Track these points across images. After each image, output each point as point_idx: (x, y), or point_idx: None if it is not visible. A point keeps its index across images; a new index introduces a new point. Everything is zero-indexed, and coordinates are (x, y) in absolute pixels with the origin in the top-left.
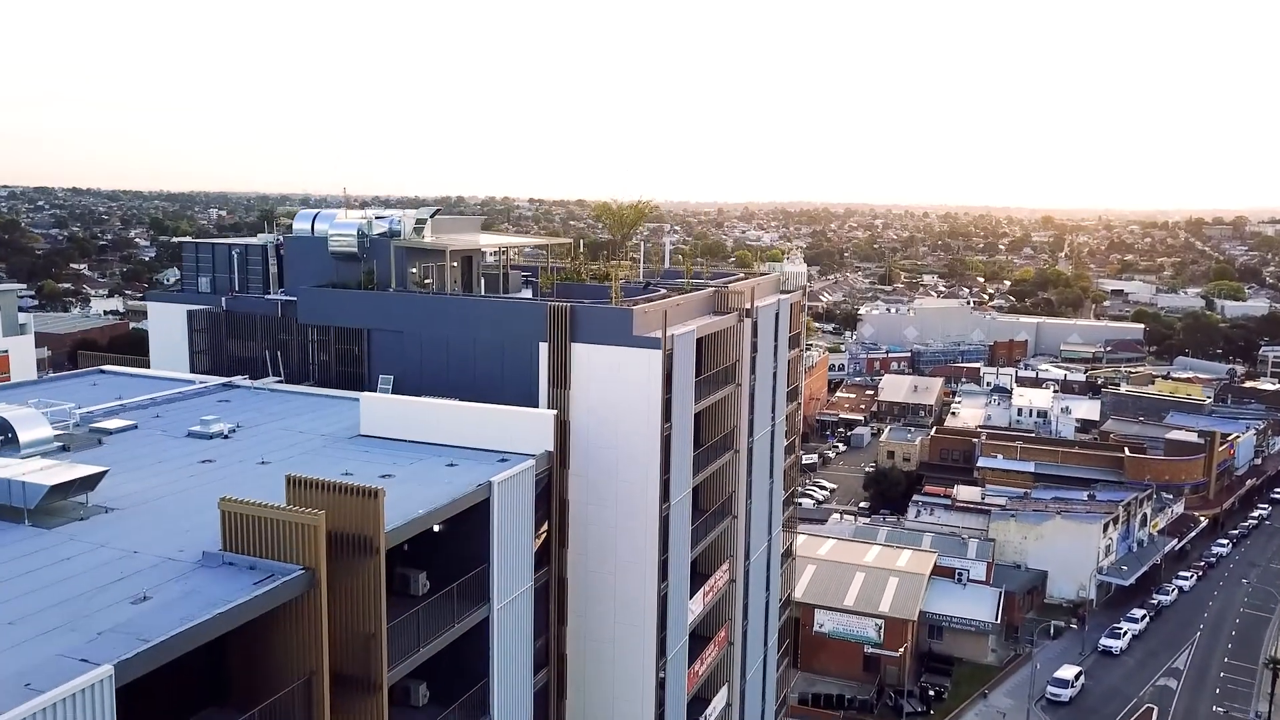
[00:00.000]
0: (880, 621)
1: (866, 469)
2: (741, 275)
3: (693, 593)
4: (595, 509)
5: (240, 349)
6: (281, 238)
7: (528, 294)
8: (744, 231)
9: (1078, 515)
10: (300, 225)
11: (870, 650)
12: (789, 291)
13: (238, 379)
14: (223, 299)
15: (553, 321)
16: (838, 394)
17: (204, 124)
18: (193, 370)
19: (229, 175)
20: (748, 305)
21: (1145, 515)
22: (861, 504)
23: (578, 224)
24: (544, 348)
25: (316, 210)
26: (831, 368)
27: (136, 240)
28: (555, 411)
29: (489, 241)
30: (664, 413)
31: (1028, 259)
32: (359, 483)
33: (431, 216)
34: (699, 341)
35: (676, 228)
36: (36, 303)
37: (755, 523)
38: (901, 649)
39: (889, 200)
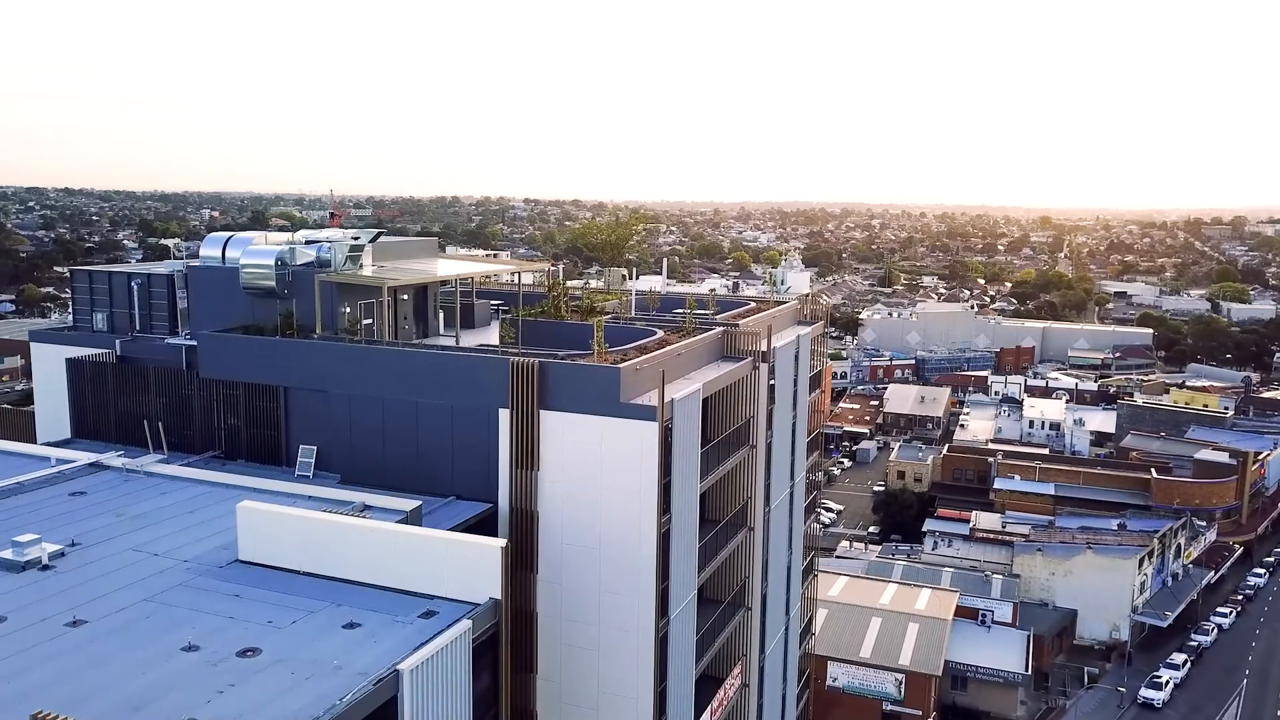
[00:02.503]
0: (901, 676)
1: (875, 487)
2: (753, 305)
3: (698, 711)
4: (572, 627)
5: (132, 406)
6: (185, 266)
7: (494, 334)
8: (740, 232)
9: (1110, 549)
10: (209, 251)
11: (890, 708)
12: (808, 322)
13: (109, 456)
14: (118, 341)
15: (516, 382)
16: (841, 404)
17: (200, 123)
18: (76, 434)
19: (223, 175)
20: (763, 347)
21: (1179, 546)
22: (871, 528)
23: (572, 224)
24: (505, 416)
25: (229, 233)
26: (833, 375)
27: (124, 242)
28: (505, 543)
29: (445, 271)
30: (662, 502)
31: (1027, 260)
32: None
33: (372, 241)
34: (706, 400)
35: (673, 228)
36: (14, 308)
37: (772, 607)
38: (927, 711)
39: (885, 200)
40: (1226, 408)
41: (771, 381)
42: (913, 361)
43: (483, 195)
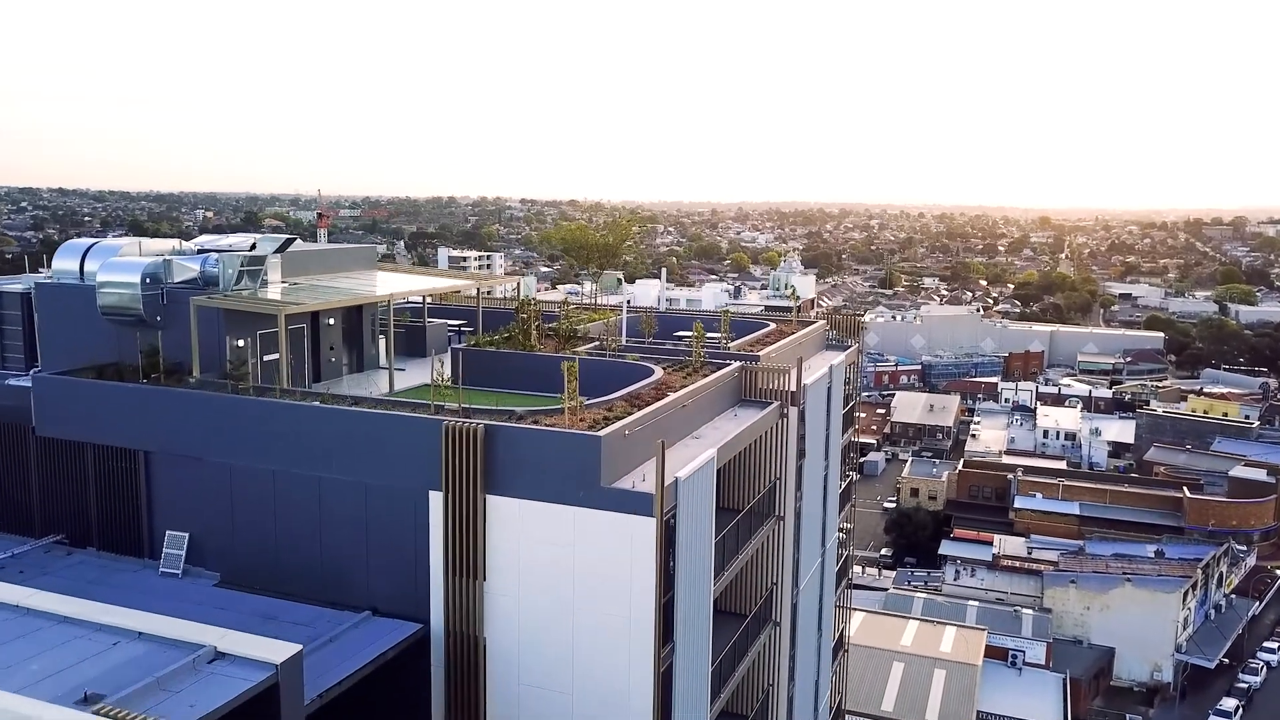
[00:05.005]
0: None
1: (885, 504)
2: (773, 329)
3: None
4: None
5: None
6: (34, 283)
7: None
8: (739, 233)
9: (1151, 580)
10: (63, 264)
11: None
12: (839, 344)
13: None
14: None
15: (452, 454)
16: None
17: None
18: None
19: (219, 175)
20: (792, 385)
21: (1221, 574)
22: (883, 550)
23: (569, 225)
24: (437, 501)
25: (93, 240)
26: None
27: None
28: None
29: (378, 288)
30: (663, 627)
31: (1028, 261)
32: None
33: (280, 251)
34: (722, 467)
35: (670, 229)
36: None
37: (799, 714)
38: None
39: (883, 200)
40: (1248, 416)
41: (801, 431)
42: (919, 367)
43: (479, 195)
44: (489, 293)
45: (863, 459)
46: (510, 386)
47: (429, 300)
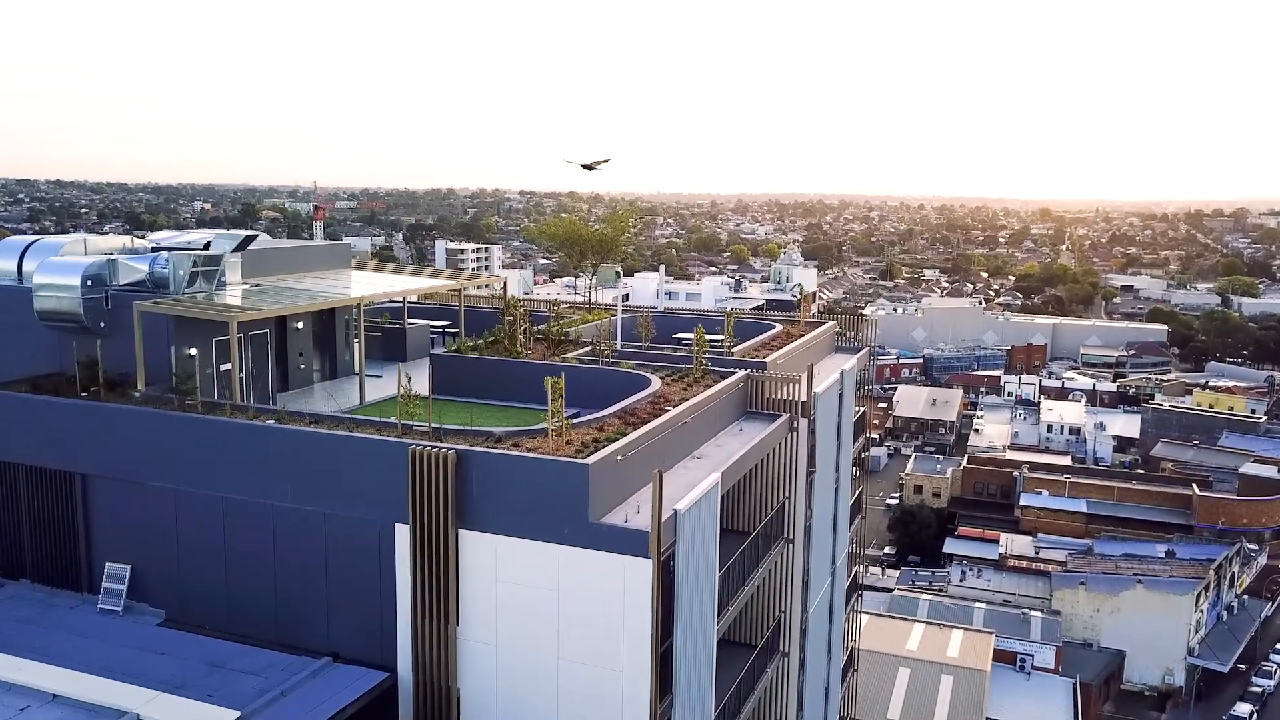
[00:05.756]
0: None
1: (888, 500)
2: (780, 330)
3: None
4: None
5: None
6: None
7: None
8: (738, 224)
9: (1162, 582)
10: (1, 264)
11: None
12: (850, 348)
13: None
14: None
15: (420, 484)
16: None
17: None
18: None
19: (218, 167)
20: (802, 395)
21: (1233, 575)
22: (887, 549)
23: (564, 219)
24: (404, 536)
25: (34, 237)
26: None
27: (109, 235)
28: None
29: (350, 292)
30: (659, 680)
31: (1029, 252)
32: None
33: (239, 248)
34: (726, 492)
35: (670, 220)
36: None
37: None
38: None
39: (883, 191)
40: (1254, 410)
41: (812, 444)
42: (921, 360)
43: (478, 187)
44: (489, 289)
45: (864, 454)
46: (494, 397)
47: (415, 300)
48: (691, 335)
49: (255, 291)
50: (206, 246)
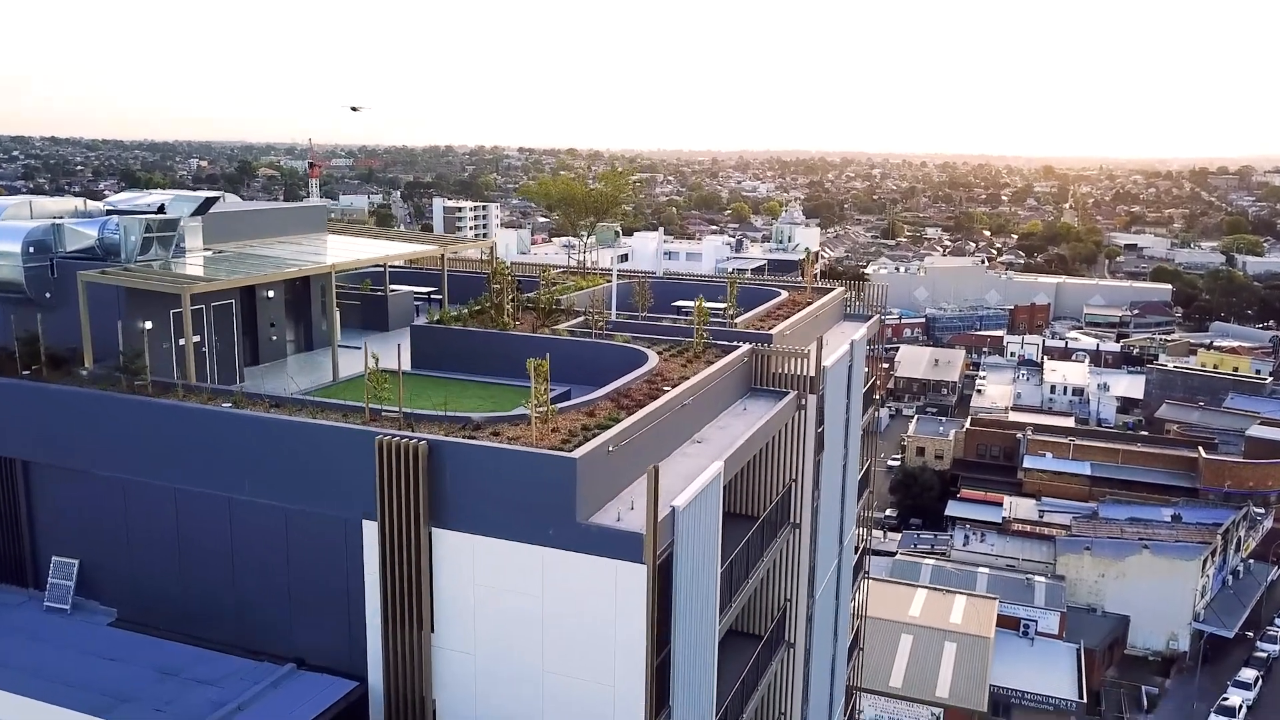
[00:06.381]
0: (938, 712)
1: (890, 462)
2: (786, 298)
3: None
4: None
5: None
6: None
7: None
8: (739, 182)
9: (1169, 548)
10: None
11: None
12: (858, 315)
13: None
14: None
15: (388, 478)
16: None
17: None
18: None
19: (215, 124)
20: (811, 370)
21: (1239, 539)
22: (888, 511)
23: (568, 175)
24: (372, 534)
25: None
26: None
27: (105, 193)
28: None
29: (323, 258)
30: (655, 694)
31: (1032, 210)
32: None
33: (199, 212)
34: (729, 481)
35: (670, 178)
36: None
37: None
38: None
39: (885, 149)
40: (1259, 371)
41: (821, 421)
42: (923, 320)
43: (476, 144)
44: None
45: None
46: (479, 372)
47: (403, 265)
48: (691, 303)
49: (217, 259)
50: (161, 210)
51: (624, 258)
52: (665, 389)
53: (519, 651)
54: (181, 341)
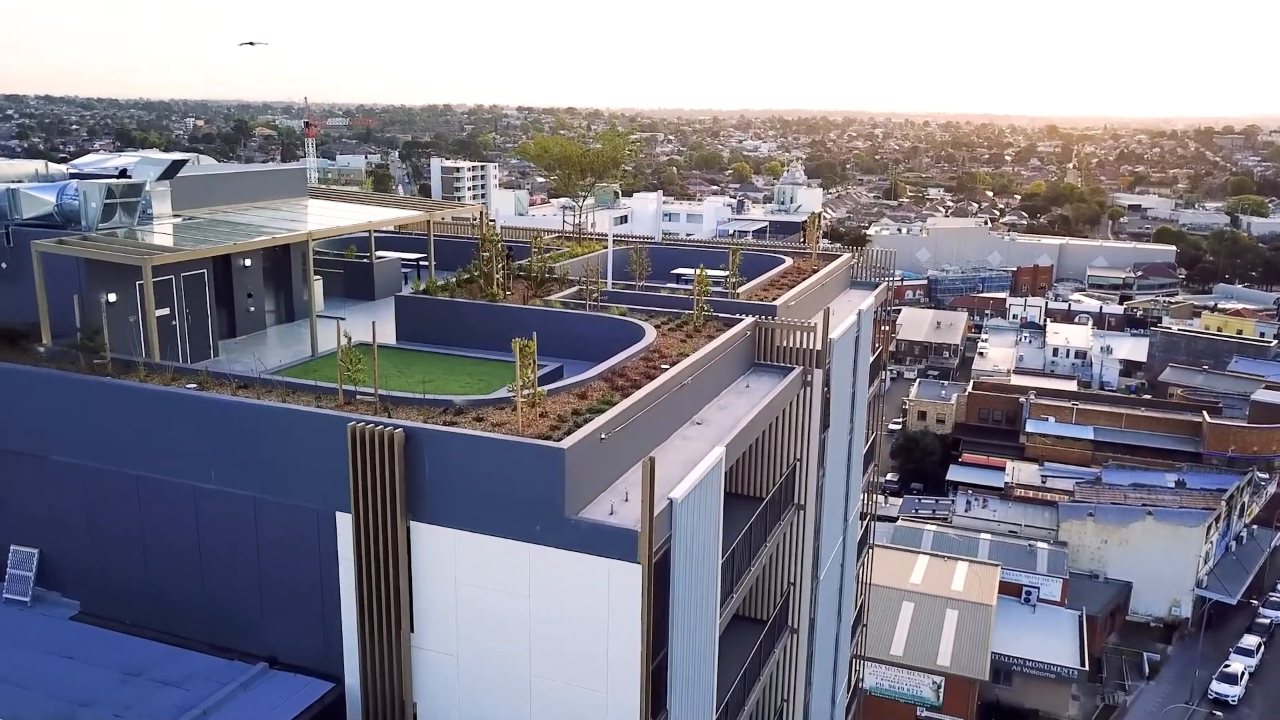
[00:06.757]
0: (939, 680)
1: (891, 426)
2: (790, 265)
3: None
4: None
5: None
6: None
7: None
8: (741, 141)
9: (1173, 514)
10: None
11: (925, 714)
12: (865, 283)
13: None
14: None
15: (362, 468)
16: None
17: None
18: None
19: (211, 82)
20: (817, 344)
21: (1243, 505)
22: (889, 475)
23: (567, 134)
24: (346, 527)
25: None
26: None
27: (99, 152)
28: None
29: (299, 226)
30: (650, 699)
31: (1035, 170)
32: None
33: (166, 175)
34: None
35: (671, 137)
36: None
37: (817, 712)
38: (969, 717)
39: (887, 108)
40: (1263, 334)
41: (827, 396)
42: (925, 282)
43: (475, 103)
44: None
45: None
46: (467, 345)
47: (394, 229)
48: (691, 271)
49: (187, 226)
50: (123, 174)
51: (623, 219)
52: (663, 367)
53: (505, 654)
54: (163, 315)
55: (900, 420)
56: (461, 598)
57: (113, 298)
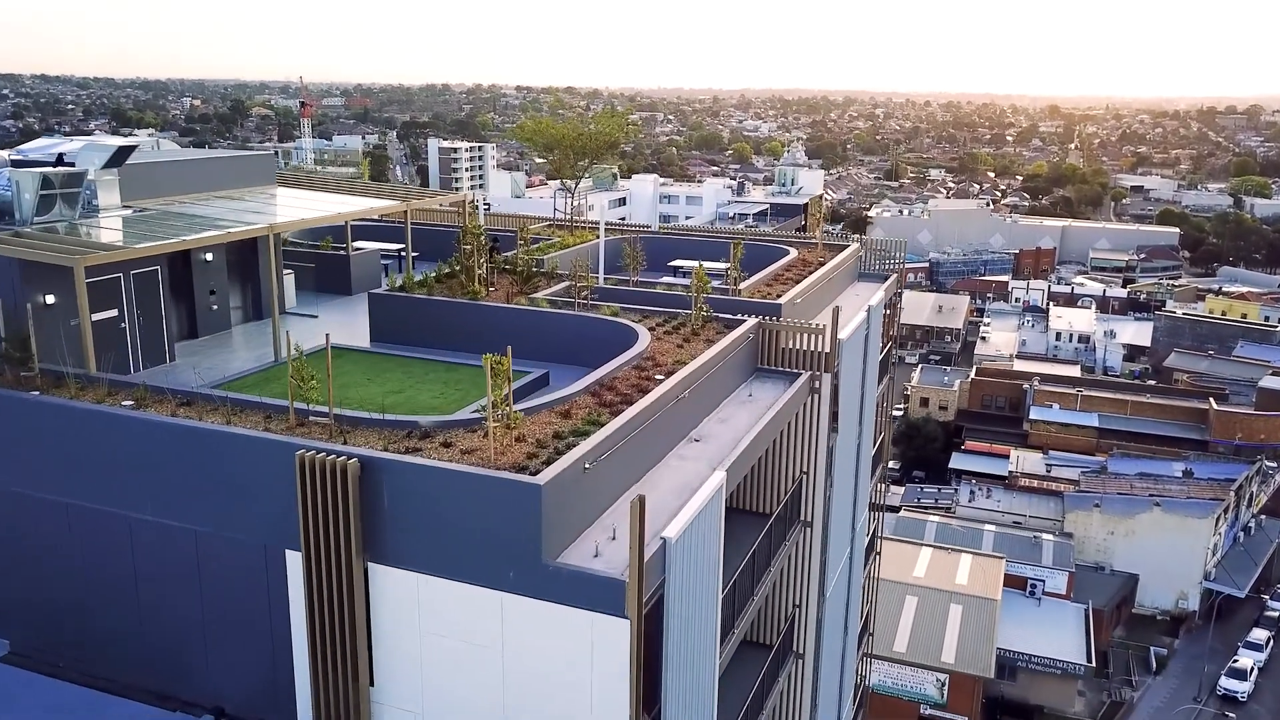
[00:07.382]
0: (944, 677)
1: (893, 413)
2: (795, 256)
3: None
4: None
5: None
6: None
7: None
8: (741, 121)
9: (1181, 505)
10: None
11: (929, 711)
12: (874, 275)
13: None
14: None
15: (312, 501)
16: None
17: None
18: None
19: (208, 61)
20: (825, 347)
21: (1252, 494)
22: (891, 464)
23: (565, 114)
24: (296, 566)
25: None
26: None
27: (95, 132)
28: None
29: (260, 219)
30: None
31: (1037, 151)
32: None
33: (113, 162)
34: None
35: (670, 117)
36: None
37: None
38: (974, 715)
39: (888, 88)
40: (1267, 318)
41: (835, 401)
42: (926, 264)
43: (474, 83)
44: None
45: None
46: (445, 348)
47: (376, 219)
48: (689, 263)
49: (136, 219)
50: (59, 160)
51: (622, 201)
52: (658, 378)
53: (476, 713)
54: (98, 317)
55: (902, 406)
56: (427, 650)
57: (50, 299)
